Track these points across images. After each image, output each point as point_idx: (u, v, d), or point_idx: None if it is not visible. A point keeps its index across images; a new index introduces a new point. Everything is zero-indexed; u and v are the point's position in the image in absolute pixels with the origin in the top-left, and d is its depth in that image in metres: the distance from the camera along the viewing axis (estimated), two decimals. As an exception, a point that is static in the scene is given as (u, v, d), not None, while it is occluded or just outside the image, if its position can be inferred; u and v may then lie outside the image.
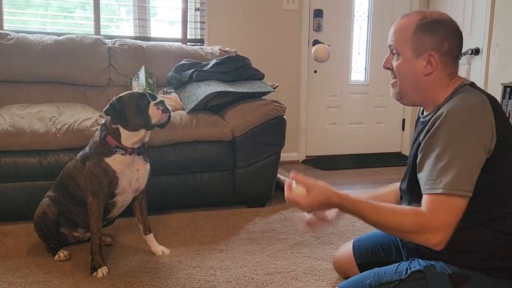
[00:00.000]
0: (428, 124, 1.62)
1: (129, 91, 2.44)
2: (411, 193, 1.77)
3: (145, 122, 2.36)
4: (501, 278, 1.61)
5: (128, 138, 2.39)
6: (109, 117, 2.40)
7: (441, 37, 1.67)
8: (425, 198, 1.56)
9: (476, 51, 4.75)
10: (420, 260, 1.71)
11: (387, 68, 1.81)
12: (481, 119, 1.55)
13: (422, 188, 1.60)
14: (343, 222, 3.15)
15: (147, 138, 2.48)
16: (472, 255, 1.61)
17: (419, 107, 1.86)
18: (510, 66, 4.37)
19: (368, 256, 2.14)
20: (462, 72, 4.92)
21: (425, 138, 1.62)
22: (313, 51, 2.73)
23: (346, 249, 2.30)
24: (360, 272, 2.01)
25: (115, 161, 2.38)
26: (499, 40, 4.52)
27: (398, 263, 1.76)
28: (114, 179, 2.38)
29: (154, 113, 2.35)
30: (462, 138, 1.53)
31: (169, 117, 2.42)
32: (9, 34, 3.80)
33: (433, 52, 1.67)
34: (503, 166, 1.58)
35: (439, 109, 1.65)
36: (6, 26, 4.20)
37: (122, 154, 2.39)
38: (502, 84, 3.95)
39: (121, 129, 2.38)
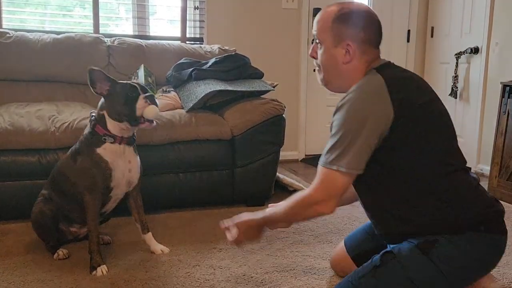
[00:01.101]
0: None
1: (125, 81, 2.44)
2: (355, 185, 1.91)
3: (130, 115, 2.35)
4: (465, 232, 1.68)
5: (114, 125, 2.39)
6: (99, 103, 2.42)
7: (357, 27, 1.78)
8: (317, 170, 1.75)
9: (476, 50, 4.74)
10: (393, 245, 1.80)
11: (313, 57, 1.93)
12: (372, 101, 1.66)
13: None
14: (342, 221, 3.16)
15: (135, 130, 2.49)
16: (429, 223, 1.71)
17: None
18: (510, 65, 4.37)
19: (360, 246, 2.19)
20: (461, 71, 4.93)
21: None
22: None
23: (339, 246, 2.35)
24: (357, 265, 2.06)
25: (106, 150, 2.38)
26: (498, 39, 4.52)
27: (373, 256, 1.84)
28: (108, 171, 2.38)
29: (141, 105, 2.34)
30: (351, 120, 1.66)
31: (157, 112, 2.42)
32: (8, 33, 3.79)
33: (350, 42, 1.78)
34: (416, 138, 1.68)
35: None
36: (5, 24, 4.20)
37: (111, 143, 2.39)
38: (501, 83, 3.94)
39: (106, 116, 2.39)
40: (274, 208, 1.93)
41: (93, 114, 2.46)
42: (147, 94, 2.37)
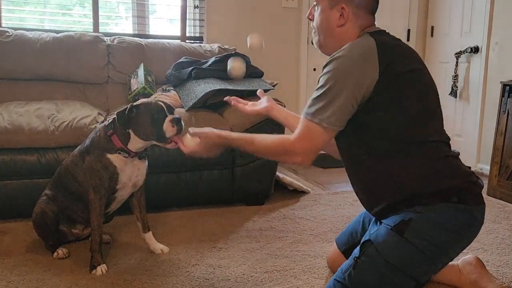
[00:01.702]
0: None
1: (147, 101, 2.38)
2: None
3: (158, 135, 2.28)
4: (438, 204, 1.71)
5: (137, 143, 2.36)
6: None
7: None
8: (300, 121, 1.77)
9: (476, 50, 4.75)
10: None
11: (310, 19, 1.97)
12: (360, 61, 1.69)
13: (303, 111, 1.78)
14: (341, 220, 3.15)
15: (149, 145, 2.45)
16: (402, 193, 1.74)
17: None
18: (510, 64, 4.37)
19: (348, 241, 2.20)
20: (461, 70, 4.92)
21: None
22: (248, 40, 2.73)
23: (333, 246, 2.36)
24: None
25: (116, 158, 2.36)
26: (498, 39, 4.51)
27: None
28: (115, 175, 2.37)
29: (169, 129, 2.27)
30: (338, 76, 1.69)
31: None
32: (7, 31, 3.78)
33: (345, 5, 1.82)
34: (396, 104, 1.72)
35: None
36: (4, 23, 4.19)
37: (124, 157, 2.38)
38: (501, 82, 3.94)
39: (132, 134, 2.34)
40: (248, 135, 1.95)
41: (112, 122, 2.39)
42: (174, 117, 2.29)
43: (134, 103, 2.36)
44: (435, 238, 1.69)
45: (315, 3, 1.92)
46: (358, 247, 1.81)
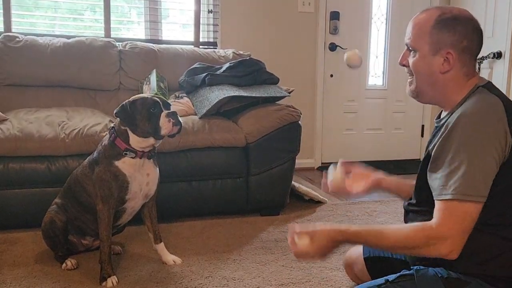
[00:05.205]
0: (442, 128, 1.60)
1: (143, 96, 2.40)
2: (419, 203, 1.77)
3: (155, 131, 2.33)
4: (501, 287, 1.56)
5: (137, 141, 2.35)
6: (118, 118, 2.37)
7: (460, 34, 1.63)
8: (436, 205, 1.54)
9: (498, 55, 4.71)
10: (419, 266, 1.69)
11: (403, 65, 1.78)
12: (494, 123, 1.52)
13: (433, 194, 1.58)
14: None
15: (158, 144, 2.44)
16: (472, 259, 1.57)
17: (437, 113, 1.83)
18: (534, 70, 4.29)
19: (374, 251, 2.06)
20: (484, 76, 4.81)
21: (437, 143, 1.59)
22: (345, 58, 2.60)
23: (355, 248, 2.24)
24: (367, 268, 2.06)
25: (125, 164, 2.35)
26: (522, 43, 4.44)
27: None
28: (125, 183, 2.36)
29: (165, 125, 2.31)
30: (474, 143, 1.50)
31: (180, 129, 2.39)
32: (17, 37, 3.76)
33: (451, 50, 1.63)
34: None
35: (453, 112, 1.62)
36: (14, 28, 4.17)
37: (132, 158, 2.36)
38: (525, 88, 3.85)
39: (130, 132, 2.34)
40: (374, 227, 1.72)
41: (113, 126, 2.42)
42: (169, 111, 2.35)
43: (131, 99, 2.37)
44: None
45: (409, 47, 1.73)
46: (395, 275, 1.69)
